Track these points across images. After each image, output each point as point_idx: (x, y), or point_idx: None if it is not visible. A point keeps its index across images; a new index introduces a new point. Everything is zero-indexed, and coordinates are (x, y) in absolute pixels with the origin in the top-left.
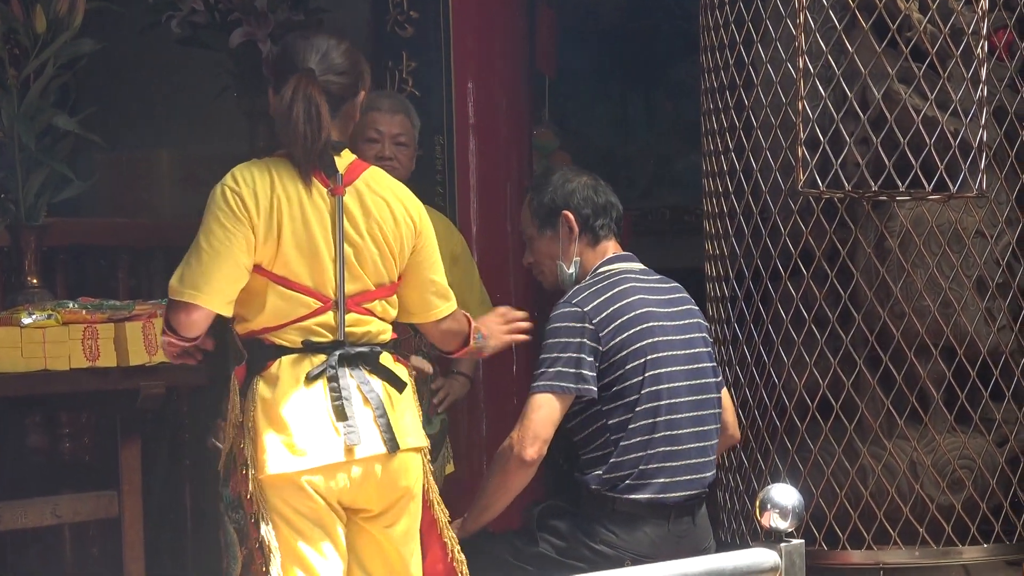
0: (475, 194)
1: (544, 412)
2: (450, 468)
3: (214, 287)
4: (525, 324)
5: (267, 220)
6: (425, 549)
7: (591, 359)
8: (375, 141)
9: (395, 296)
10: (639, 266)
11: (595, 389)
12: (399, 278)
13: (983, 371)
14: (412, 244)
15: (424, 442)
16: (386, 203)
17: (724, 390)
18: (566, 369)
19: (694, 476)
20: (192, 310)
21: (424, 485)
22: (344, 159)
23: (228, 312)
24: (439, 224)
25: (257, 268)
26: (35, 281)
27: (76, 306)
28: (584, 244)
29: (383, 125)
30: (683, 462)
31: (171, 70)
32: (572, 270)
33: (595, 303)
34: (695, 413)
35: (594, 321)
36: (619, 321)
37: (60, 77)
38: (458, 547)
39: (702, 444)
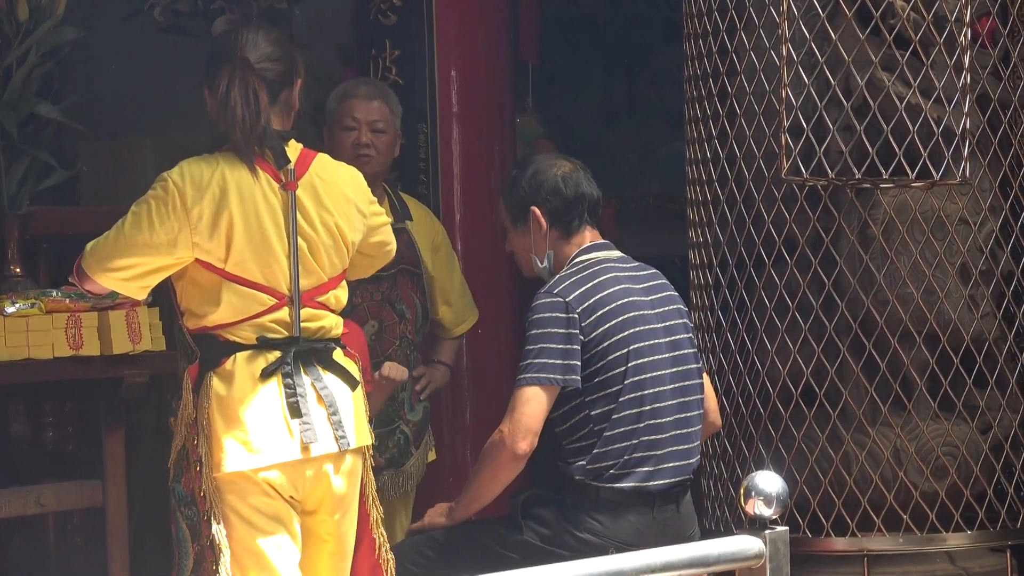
0: (458, 182)
1: (533, 405)
2: (432, 455)
3: (112, 267)
4: None
5: (213, 216)
6: (355, 544)
7: (576, 348)
8: (352, 128)
9: (345, 282)
10: (617, 254)
11: (579, 379)
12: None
13: (966, 358)
14: (364, 231)
15: (369, 440)
16: (341, 190)
17: (705, 376)
18: (552, 360)
19: (678, 464)
20: (88, 280)
21: (363, 480)
22: (292, 150)
23: (138, 296)
24: (420, 213)
25: (208, 266)
26: (18, 270)
27: (59, 295)
28: (555, 237)
29: (359, 112)
30: (667, 450)
31: (154, 58)
32: (545, 264)
33: (577, 293)
34: (678, 400)
35: (577, 311)
36: (601, 311)
37: (43, 65)
38: (387, 545)
39: (685, 431)
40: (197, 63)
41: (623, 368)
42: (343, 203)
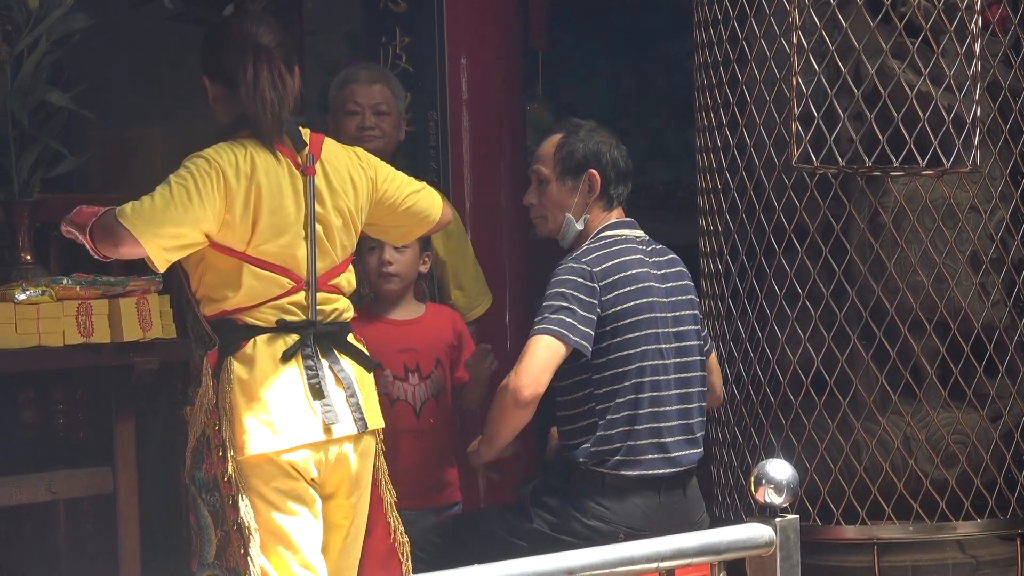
0: (469, 169)
1: (544, 356)
2: None
3: (161, 233)
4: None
5: (245, 199)
6: (370, 527)
7: (593, 318)
8: (355, 113)
9: (352, 266)
10: (640, 234)
11: (591, 349)
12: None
13: (977, 346)
14: (371, 197)
15: (381, 424)
16: (347, 173)
17: (713, 355)
18: (570, 320)
19: (681, 452)
20: (128, 242)
21: (376, 464)
22: (304, 135)
23: (161, 266)
24: None
25: (227, 250)
26: (29, 257)
27: (70, 282)
28: (597, 205)
29: (361, 96)
30: (671, 439)
31: (164, 46)
32: (580, 226)
33: (602, 267)
34: (680, 391)
35: (600, 284)
36: (621, 291)
37: (53, 53)
38: (402, 528)
39: (687, 422)
40: None
41: (631, 351)
42: (350, 185)
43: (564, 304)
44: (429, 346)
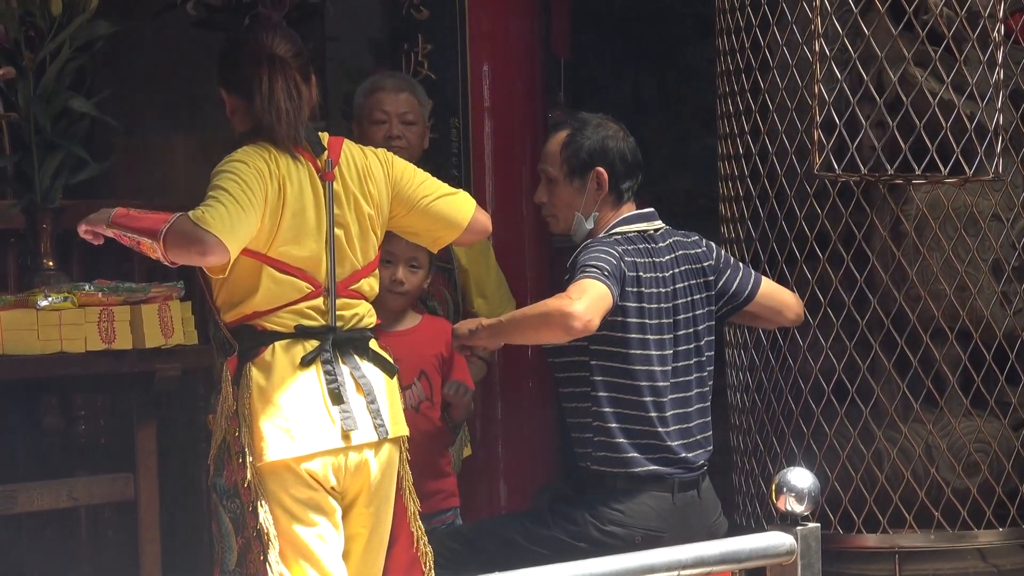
0: (491, 177)
1: (599, 296)
2: (467, 451)
3: (240, 238)
4: None
5: (275, 201)
6: (394, 537)
7: (618, 293)
8: (382, 122)
9: (377, 271)
10: (658, 224)
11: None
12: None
13: (999, 355)
14: (390, 196)
15: (405, 431)
16: (366, 171)
17: (766, 282)
18: (610, 280)
19: (689, 452)
20: (218, 250)
21: (399, 473)
22: (323, 138)
23: (223, 272)
24: None
25: (249, 252)
26: (51, 263)
27: (92, 288)
28: (607, 202)
29: (388, 105)
30: (680, 440)
31: (187, 53)
32: (590, 225)
33: (626, 260)
34: (682, 395)
35: (623, 262)
36: (627, 289)
37: (76, 60)
38: (425, 538)
39: (688, 425)
40: None
41: (631, 351)
42: (371, 184)
43: (604, 265)
44: (412, 358)
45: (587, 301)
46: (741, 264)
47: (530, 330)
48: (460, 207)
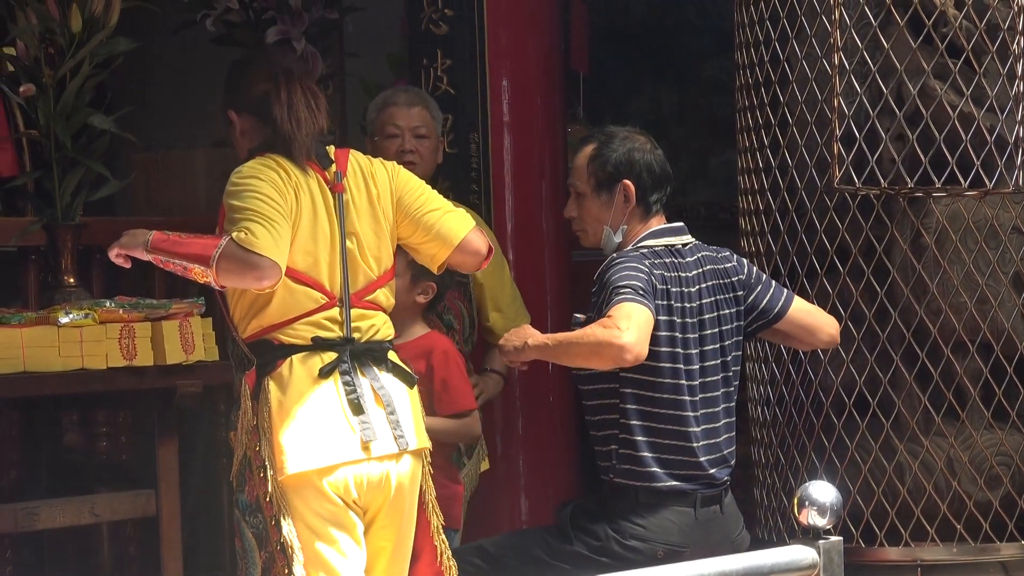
0: (510, 191)
1: (645, 321)
2: (485, 465)
3: (285, 253)
4: None
5: (293, 210)
6: (417, 552)
7: (654, 308)
8: (395, 136)
9: (393, 281)
10: (688, 239)
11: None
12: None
13: (1020, 367)
14: (394, 204)
15: (427, 443)
16: (372, 180)
17: (799, 301)
18: (647, 298)
19: (713, 468)
20: (273, 274)
21: (422, 487)
22: (330, 151)
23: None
24: None
25: None
26: (72, 280)
27: (113, 305)
28: (635, 215)
29: (401, 119)
30: (704, 457)
31: (206, 69)
32: (619, 238)
33: (655, 273)
34: (707, 411)
35: (652, 275)
36: (661, 302)
37: (96, 76)
38: (448, 552)
39: (715, 441)
40: None
41: (655, 364)
42: (383, 192)
43: (635, 282)
44: None
45: (636, 331)
46: (774, 282)
47: (579, 358)
48: (456, 224)
